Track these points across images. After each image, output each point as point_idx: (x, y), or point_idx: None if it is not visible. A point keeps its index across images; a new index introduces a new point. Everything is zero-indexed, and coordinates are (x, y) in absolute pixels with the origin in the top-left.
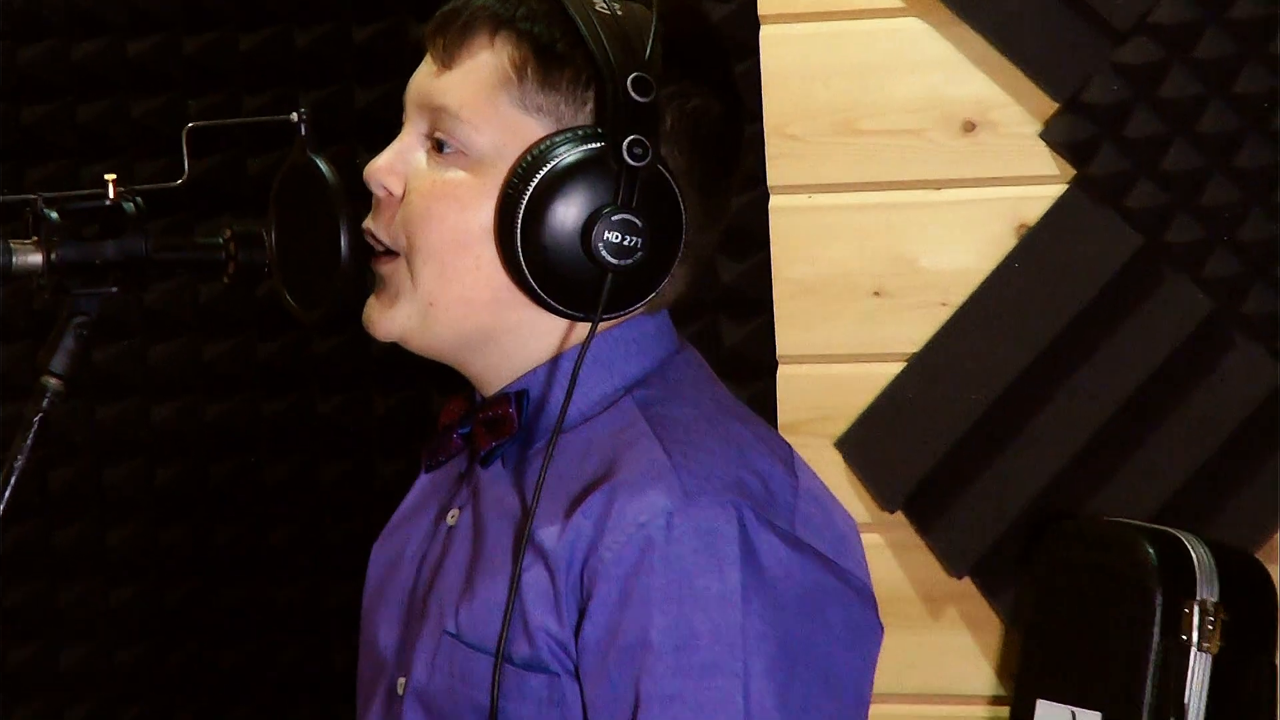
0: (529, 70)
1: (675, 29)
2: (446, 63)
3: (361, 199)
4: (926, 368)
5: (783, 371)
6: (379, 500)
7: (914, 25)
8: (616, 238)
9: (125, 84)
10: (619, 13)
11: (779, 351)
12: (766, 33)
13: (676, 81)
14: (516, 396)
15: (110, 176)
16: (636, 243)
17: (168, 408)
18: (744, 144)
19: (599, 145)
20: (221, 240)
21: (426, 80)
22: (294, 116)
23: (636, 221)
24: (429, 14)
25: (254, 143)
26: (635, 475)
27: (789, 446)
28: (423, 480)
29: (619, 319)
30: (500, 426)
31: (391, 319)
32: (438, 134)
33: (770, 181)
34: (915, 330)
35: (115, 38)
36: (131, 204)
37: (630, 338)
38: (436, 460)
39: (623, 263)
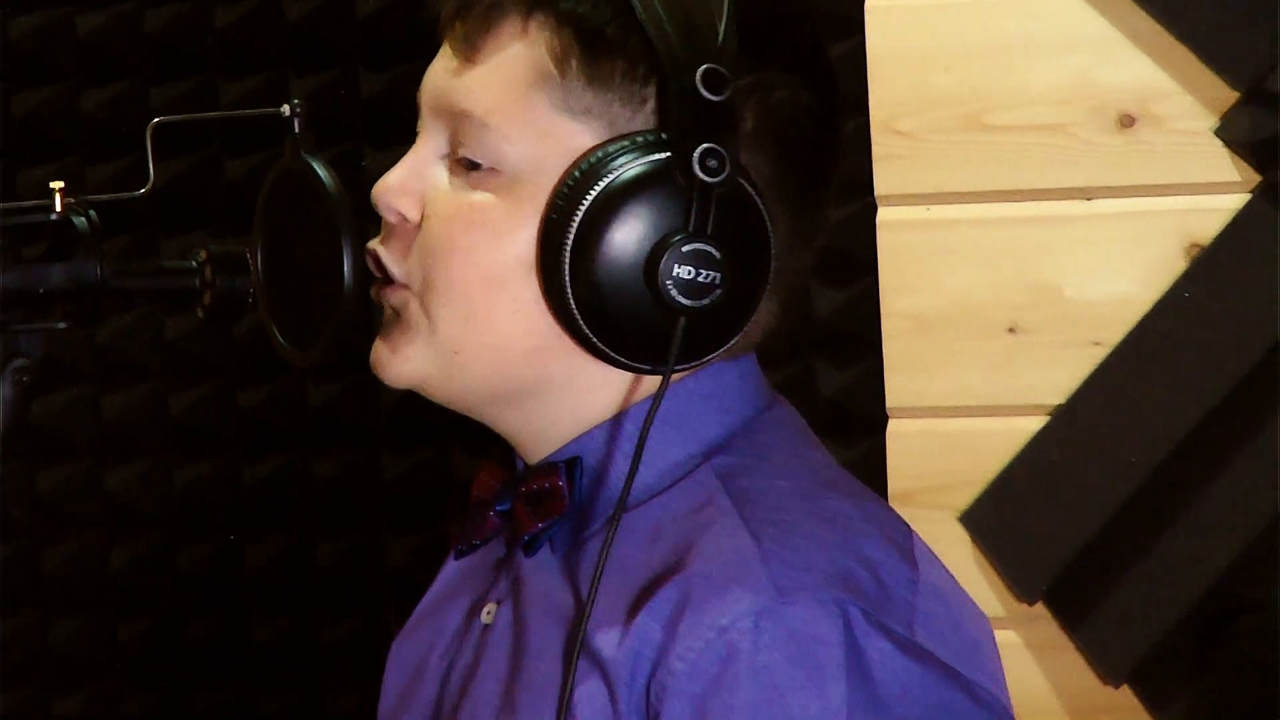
0: (573, 63)
1: (753, 1)
2: (469, 56)
3: (370, 211)
4: (1074, 423)
5: (893, 428)
6: (390, 587)
7: None
8: (689, 273)
9: (73, 69)
10: None
11: (889, 403)
12: (873, 4)
13: (756, 69)
14: (568, 465)
15: (57, 184)
16: (714, 278)
17: (125, 473)
18: (843, 144)
19: (664, 156)
20: (195, 264)
21: (444, 78)
22: (285, 109)
23: (713, 252)
24: None
25: (235, 141)
26: (714, 566)
27: (907, 527)
28: (452, 566)
29: (693, 368)
30: (548, 503)
31: (405, 361)
32: (461, 146)
33: (878, 190)
34: (1060, 376)
35: (60, 12)
36: (83, 218)
37: (708, 391)
38: (469, 543)
39: (698, 303)
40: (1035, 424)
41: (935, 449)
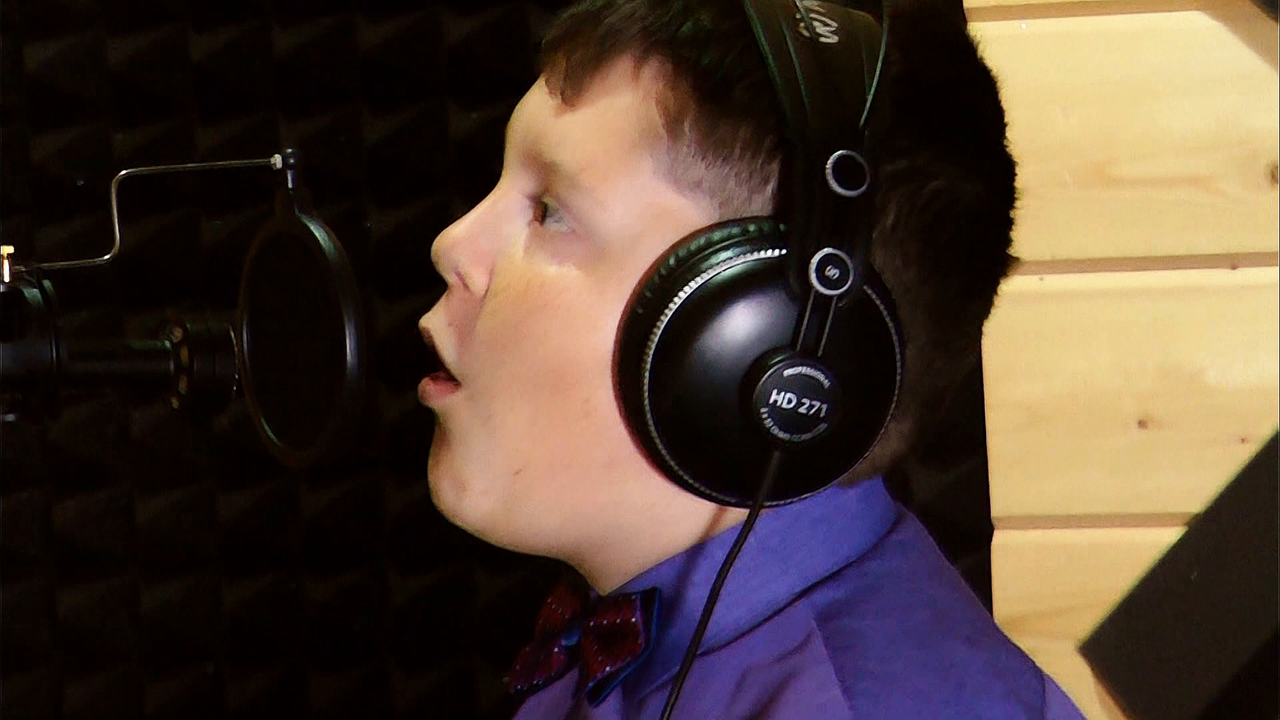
0: (686, 126)
1: (918, 63)
2: (569, 96)
3: (377, 281)
4: (1215, 535)
5: (1000, 540)
6: None
7: (1199, 23)
8: (789, 400)
9: (21, 112)
10: (831, 36)
11: (995, 511)
12: (975, 32)
13: (912, 152)
14: (644, 598)
15: (5, 249)
16: (819, 409)
17: (83, 594)
18: (1011, 245)
19: (777, 255)
20: (168, 344)
21: (541, 116)
22: (275, 160)
23: (822, 379)
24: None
25: (214, 198)
26: None
27: (1041, 682)
28: (532, 707)
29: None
30: (620, 643)
31: (465, 493)
32: (545, 202)
33: None
34: (1199, 479)
35: (10, 41)
36: (36, 290)
37: (818, 515)
38: (529, 681)
39: (796, 438)
40: (1170, 535)
41: (1050, 565)
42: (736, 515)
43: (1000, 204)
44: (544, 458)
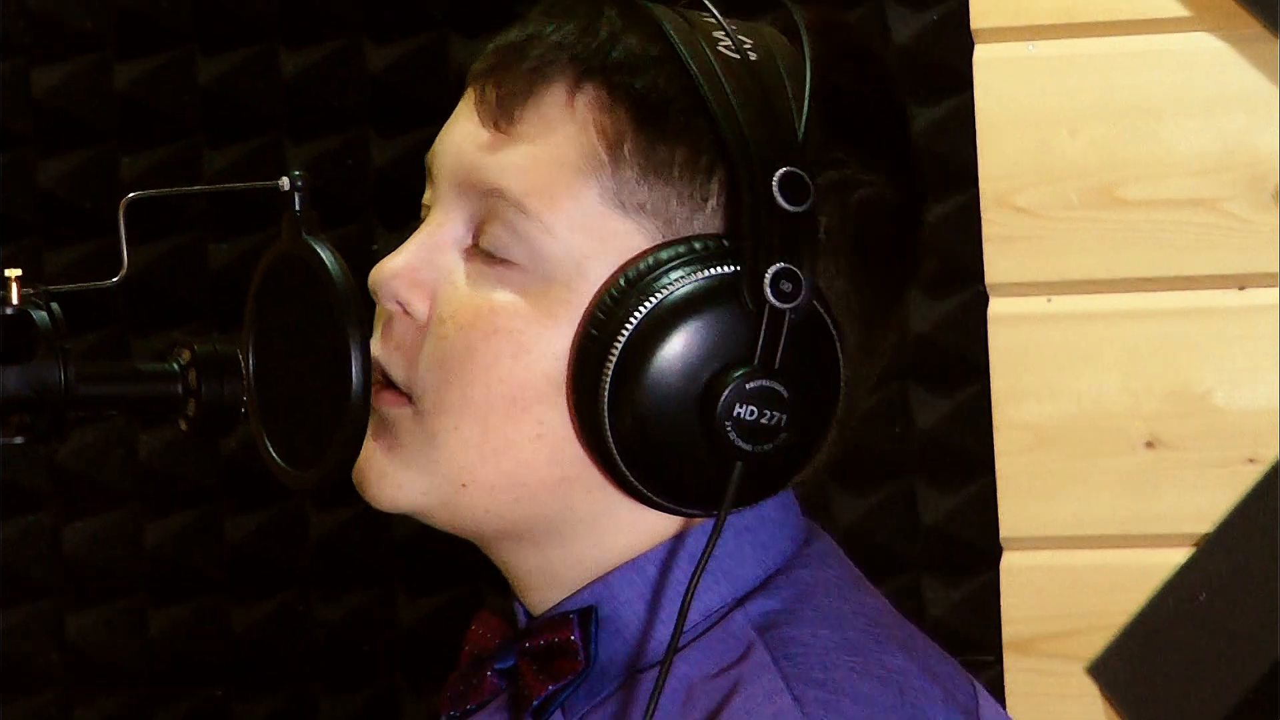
0: (625, 150)
1: (832, 74)
2: (501, 123)
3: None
4: (1224, 556)
5: (1009, 562)
6: None
7: (1206, 45)
8: (751, 414)
9: (28, 135)
10: (750, 54)
11: (1004, 532)
12: (983, 56)
13: (840, 164)
14: (581, 616)
15: (13, 272)
16: (779, 420)
17: (92, 617)
18: (923, 245)
19: (729, 271)
20: (176, 366)
21: (472, 148)
22: (283, 182)
23: (781, 391)
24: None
25: (222, 221)
26: None
27: (973, 687)
28: None
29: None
30: (559, 662)
31: (399, 490)
32: (488, 233)
33: (989, 278)
34: (1207, 500)
35: (9, 66)
36: (44, 312)
37: (743, 525)
38: (462, 708)
39: (758, 448)
40: (1178, 557)
41: (1058, 587)
42: (670, 530)
43: (916, 205)
44: (492, 476)
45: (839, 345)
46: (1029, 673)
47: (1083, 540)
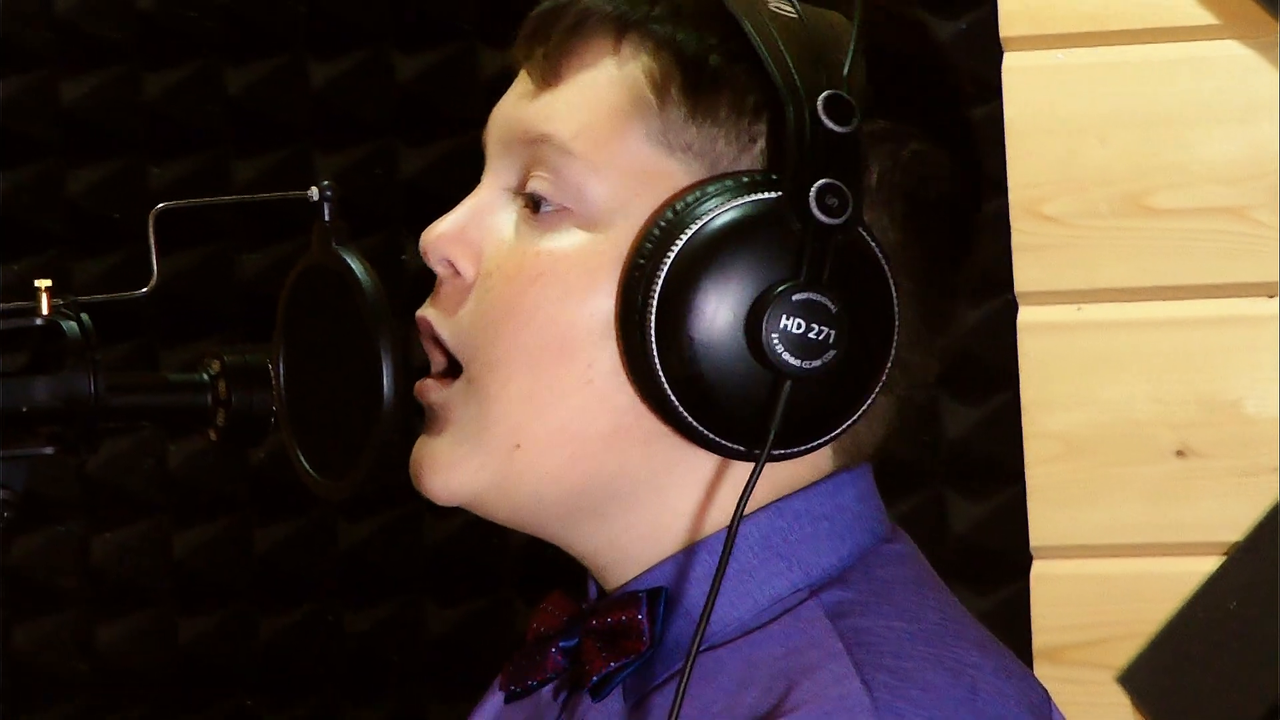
0: (673, 91)
1: (884, 39)
2: (549, 79)
3: (409, 313)
4: (1258, 563)
5: (1039, 570)
6: None
7: (1236, 52)
8: (798, 325)
9: (58, 146)
10: (800, 15)
11: (1034, 541)
12: (1013, 63)
13: (887, 118)
14: (650, 597)
15: (43, 283)
16: (828, 335)
17: (120, 627)
18: (981, 221)
19: (773, 196)
20: (206, 376)
21: (519, 104)
22: (312, 192)
23: (828, 304)
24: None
25: (251, 231)
26: (815, 717)
27: (1044, 692)
28: (494, 707)
29: (799, 467)
30: (624, 641)
31: (452, 468)
32: (534, 179)
33: (1019, 286)
34: (1238, 509)
35: (39, 77)
36: (74, 322)
37: (820, 513)
38: (524, 684)
39: (808, 364)
40: (1209, 565)
41: (1089, 596)
42: (737, 489)
43: (971, 175)
44: (544, 431)
45: (891, 281)
46: (1059, 681)
47: (1113, 549)
